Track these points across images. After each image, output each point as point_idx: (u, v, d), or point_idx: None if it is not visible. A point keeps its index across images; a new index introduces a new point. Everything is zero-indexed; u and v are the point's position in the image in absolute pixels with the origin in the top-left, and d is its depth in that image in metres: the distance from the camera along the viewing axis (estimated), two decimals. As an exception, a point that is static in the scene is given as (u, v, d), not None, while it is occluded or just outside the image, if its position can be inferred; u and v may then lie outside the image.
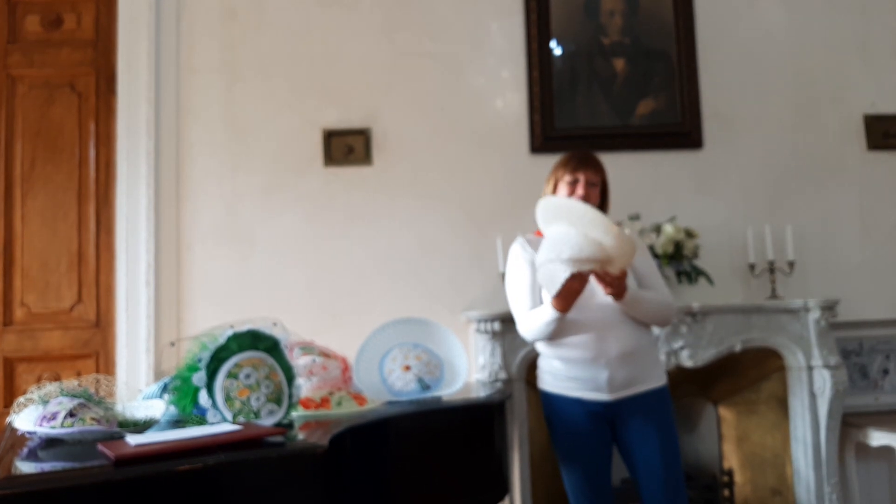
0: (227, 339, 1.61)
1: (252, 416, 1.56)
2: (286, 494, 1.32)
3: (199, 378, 1.57)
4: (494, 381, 2.89)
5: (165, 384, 1.83)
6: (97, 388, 1.74)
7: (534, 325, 2.14)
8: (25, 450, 1.44)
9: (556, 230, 2.01)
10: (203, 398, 1.56)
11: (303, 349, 2.06)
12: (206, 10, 3.33)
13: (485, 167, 3.33)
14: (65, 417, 1.51)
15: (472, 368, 2.95)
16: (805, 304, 3.05)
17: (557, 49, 3.39)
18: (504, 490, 2.12)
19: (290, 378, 1.68)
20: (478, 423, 2.09)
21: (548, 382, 2.22)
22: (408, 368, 2.11)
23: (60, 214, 3.24)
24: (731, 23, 3.46)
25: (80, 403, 1.55)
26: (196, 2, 3.33)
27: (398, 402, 2.05)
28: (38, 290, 3.21)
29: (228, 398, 1.56)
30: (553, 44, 3.38)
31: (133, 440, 1.34)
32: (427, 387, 2.10)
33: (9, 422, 1.68)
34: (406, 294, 3.22)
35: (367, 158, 3.31)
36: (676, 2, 3.42)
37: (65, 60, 3.31)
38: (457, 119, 3.35)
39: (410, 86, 3.35)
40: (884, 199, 3.43)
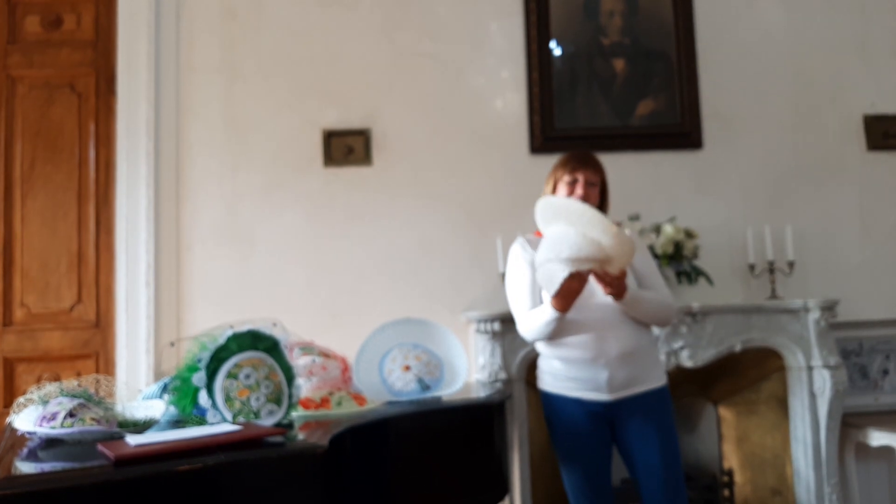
0: (227, 340, 1.61)
1: (252, 417, 1.56)
2: (286, 494, 1.32)
3: (199, 378, 1.57)
4: (494, 382, 2.89)
5: (165, 384, 1.83)
6: (97, 389, 1.74)
7: (533, 325, 2.14)
8: (25, 450, 1.44)
9: (555, 230, 2.01)
10: (203, 398, 1.56)
11: (303, 349, 2.05)
12: (206, 10, 3.33)
13: (485, 167, 3.33)
14: (65, 418, 1.51)
15: (472, 369, 2.95)
16: (805, 305, 3.05)
17: (557, 49, 3.39)
18: (504, 490, 2.12)
19: (290, 378, 1.68)
20: (478, 424, 2.09)
21: (548, 383, 2.22)
22: (408, 369, 2.11)
23: (60, 215, 3.24)
24: (731, 23, 3.46)
25: (80, 404, 1.55)
26: (196, 1, 3.33)
27: (398, 403, 2.05)
28: (38, 291, 3.21)
29: (228, 398, 1.56)
30: (553, 44, 3.38)
31: (133, 440, 1.34)
32: (427, 387, 2.10)
33: (9, 422, 1.67)
34: (406, 294, 3.22)
35: (367, 159, 3.31)
36: (676, 2, 3.42)
37: (65, 61, 3.31)
38: (457, 119, 3.35)
39: (410, 86, 3.35)
40: (884, 199, 3.43)
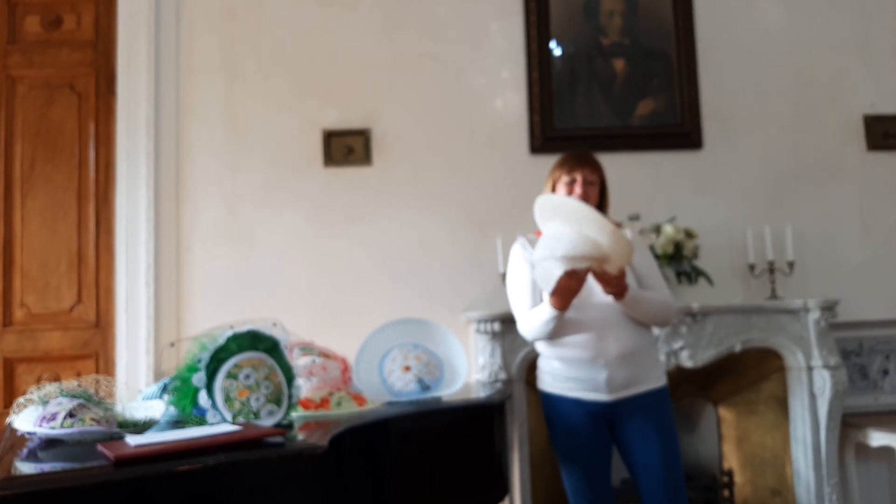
0: (227, 340, 1.61)
1: (252, 417, 1.56)
2: (286, 495, 1.32)
3: (199, 379, 1.57)
4: (494, 382, 2.89)
5: (165, 385, 1.83)
6: (97, 389, 1.74)
7: (533, 324, 2.14)
8: (25, 450, 1.44)
9: (552, 228, 2.01)
10: (203, 399, 1.56)
11: (302, 349, 2.05)
12: (206, 10, 3.33)
13: (485, 167, 3.33)
14: (64, 418, 1.50)
15: (472, 369, 2.95)
16: (805, 305, 3.05)
17: (557, 49, 3.39)
18: (504, 490, 2.12)
19: (290, 378, 1.68)
20: (477, 424, 2.09)
21: (547, 383, 2.22)
22: (408, 369, 2.11)
23: (60, 215, 3.24)
24: (731, 23, 3.46)
25: (80, 404, 1.55)
26: (196, 1, 3.33)
27: (398, 403, 2.05)
28: (38, 291, 3.21)
29: (228, 399, 1.56)
30: (553, 44, 3.38)
31: (133, 441, 1.34)
32: (427, 387, 2.10)
33: (9, 422, 1.67)
34: (406, 294, 3.22)
35: (367, 159, 3.31)
36: (676, 2, 3.42)
37: (65, 61, 3.31)
38: (457, 119, 3.35)
39: (410, 86, 3.35)
40: (884, 200, 3.43)
